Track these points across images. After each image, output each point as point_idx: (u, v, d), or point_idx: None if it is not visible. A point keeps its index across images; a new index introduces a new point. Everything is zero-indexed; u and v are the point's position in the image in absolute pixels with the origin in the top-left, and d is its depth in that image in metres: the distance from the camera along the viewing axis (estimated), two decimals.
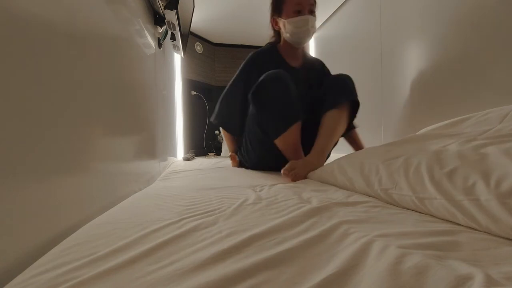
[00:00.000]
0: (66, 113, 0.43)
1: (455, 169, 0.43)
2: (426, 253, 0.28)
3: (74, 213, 0.45)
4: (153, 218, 0.45)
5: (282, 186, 0.75)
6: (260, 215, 0.46)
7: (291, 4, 1.04)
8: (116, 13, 0.68)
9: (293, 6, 1.04)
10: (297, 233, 0.36)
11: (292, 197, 0.58)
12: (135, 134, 0.84)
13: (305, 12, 1.04)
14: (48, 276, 0.27)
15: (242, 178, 0.94)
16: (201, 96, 2.48)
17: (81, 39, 0.50)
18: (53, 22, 0.41)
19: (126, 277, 0.26)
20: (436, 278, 0.23)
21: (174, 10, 1.06)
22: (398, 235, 0.34)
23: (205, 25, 2.33)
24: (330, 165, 0.77)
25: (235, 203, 0.53)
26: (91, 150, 0.52)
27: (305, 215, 0.43)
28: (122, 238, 0.36)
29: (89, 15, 0.53)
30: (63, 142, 0.42)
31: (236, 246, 0.32)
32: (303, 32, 1.06)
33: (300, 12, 1.04)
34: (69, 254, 0.31)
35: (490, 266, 0.26)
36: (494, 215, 0.34)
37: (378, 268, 0.25)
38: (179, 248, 0.32)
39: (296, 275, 0.26)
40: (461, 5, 1.04)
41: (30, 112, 0.35)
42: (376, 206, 0.51)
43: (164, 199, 0.59)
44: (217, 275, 0.25)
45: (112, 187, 0.63)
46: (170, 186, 0.80)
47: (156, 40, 1.25)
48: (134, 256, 0.30)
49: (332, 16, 2.17)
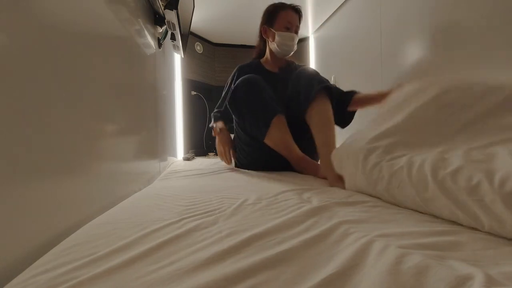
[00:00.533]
0: (66, 113, 0.43)
1: (460, 169, 0.42)
2: (426, 253, 0.28)
3: (74, 213, 0.45)
4: (153, 218, 0.45)
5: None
6: (260, 215, 0.46)
7: (283, 20, 1.21)
8: (116, 13, 0.68)
9: (284, 22, 1.21)
10: (297, 233, 0.36)
11: (292, 197, 0.58)
12: (135, 134, 0.84)
13: (292, 31, 1.21)
14: (48, 276, 0.27)
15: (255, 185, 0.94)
16: (201, 96, 2.48)
17: (81, 39, 0.50)
18: (53, 22, 0.41)
19: (126, 277, 0.26)
20: (436, 278, 0.23)
21: (174, 10, 1.06)
22: (398, 235, 0.34)
23: (205, 25, 2.32)
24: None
25: (235, 203, 0.53)
26: (91, 150, 0.52)
27: (305, 215, 0.43)
28: (122, 238, 0.36)
29: (89, 15, 0.53)
30: (63, 142, 0.42)
31: (236, 246, 0.32)
32: (288, 46, 1.22)
33: (289, 29, 1.21)
34: (69, 254, 0.31)
35: (491, 266, 0.26)
36: (498, 216, 0.34)
37: (378, 268, 0.25)
38: (179, 248, 0.32)
39: (296, 275, 0.26)
40: (461, 5, 1.04)
41: (30, 112, 0.35)
42: (376, 206, 0.51)
43: (164, 199, 0.59)
44: (217, 275, 0.25)
45: (112, 187, 0.63)
46: (170, 186, 0.80)
47: (156, 40, 1.25)
48: (134, 256, 0.30)
49: (332, 16, 2.17)
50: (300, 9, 1.26)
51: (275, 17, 1.22)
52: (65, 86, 0.43)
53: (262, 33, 1.30)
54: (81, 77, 0.49)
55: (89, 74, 0.52)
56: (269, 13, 1.25)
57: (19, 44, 0.33)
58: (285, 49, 1.23)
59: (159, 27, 1.24)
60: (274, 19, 1.22)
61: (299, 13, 1.25)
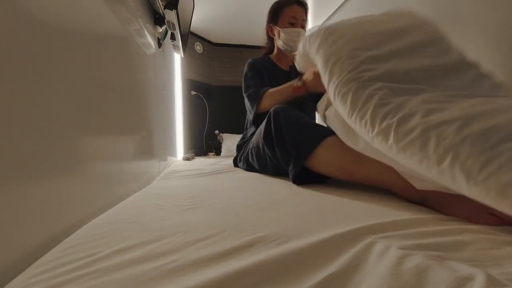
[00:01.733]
0: (66, 113, 0.43)
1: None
2: (427, 253, 0.28)
3: (74, 213, 0.45)
4: (153, 217, 0.45)
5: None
6: (262, 214, 0.45)
7: (287, 16, 1.18)
8: (116, 13, 0.68)
9: (289, 18, 1.18)
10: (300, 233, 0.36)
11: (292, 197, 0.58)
12: (135, 134, 0.84)
13: (298, 25, 1.19)
14: (48, 276, 0.27)
15: None
16: (201, 96, 2.48)
17: (81, 39, 0.50)
18: (53, 22, 0.41)
19: (126, 277, 0.26)
20: (437, 279, 0.23)
21: (174, 10, 1.06)
22: (399, 236, 0.34)
23: (205, 25, 2.32)
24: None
25: (236, 203, 0.53)
26: (91, 150, 0.52)
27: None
28: (122, 238, 0.35)
29: (88, 14, 0.53)
30: (63, 142, 0.42)
31: (238, 245, 0.32)
32: (294, 41, 1.18)
33: (294, 24, 1.18)
34: (69, 254, 0.31)
35: (492, 267, 0.26)
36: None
37: (379, 268, 0.25)
38: (180, 248, 0.32)
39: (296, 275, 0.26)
40: (461, 5, 1.04)
41: (30, 112, 0.35)
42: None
43: (164, 199, 0.59)
44: (218, 274, 0.25)
45: (112, 187, 0.63)
46: (170, 186, 0.80)
47: (156, 40, 1.24)
48: (134, 256, 0.30)
49: (332, 16, 2.16)
50: (305, 2, 1.22)
51: (279, 14, 1.20)
52: (65, 86, 0.43)
53: (268, 32, 1.28)
54: (80, 77, 0.49)
55: (89, 73, 0.52)
56: (273, 11, 1.24)
57: (16, 44, 0.33)
58: (290, 45, 1.20)
59: (159, 27, 1.24)
60: (278, 16, 1.21)
61: (305, 6, 1.22)
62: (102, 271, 0.27)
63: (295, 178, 0.74)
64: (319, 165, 0.69)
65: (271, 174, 0.96)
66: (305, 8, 1.23)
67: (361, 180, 0.63)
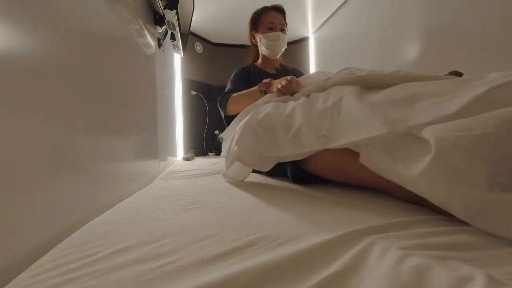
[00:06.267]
0: (65, 113, 0.43)
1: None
2: (427, 254, 0.28)
3: (74, 213, 0.45)
4: (153, 217, 0.45)
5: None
6: (262, 215, 0.45)
7: (266, 22, 1.28)
8: (116, 13, 0.68)
9: (267, 24, 1.27)
10: (299, 234, 0.36)
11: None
12: (135, 134, 0.84)
13: (277, 30, 1.27)
14: (48, 276, 0.26)
15: None
16: (201, 96, 2.48)
17: (80, 39, 0.50)
18: (53, 22, 0.41)
19: (126, 277, 0.26)
20: (437, 279, 0.23)
21: (174, 10, 1.05)
22: (399, 236, 0.34)
23: (205, 25, 2.32)
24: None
25: (236, 203, 0.53)
26: (91, 150, 0.52)
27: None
28: (122, 238, 0.35)
29: (88, 14, 0.53)
30: (63, 142, 0.42)
31: (237, 246, 0.32)
32: (274, 45, 1.28)
33: (273, 29, 1.27)
34: (69, 254, 0.31)
35: (492, 267, 0.26)
36: None
37: (379, 269, 0.25)
38: (180, 248, 0.32)
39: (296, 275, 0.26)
40: (461, 5, 1.04)
41: (29, 112, 0.35)
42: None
43: (164, 199, 0.59)
44: (219, 275, 0.25)
45: (112, 187, 0.63)
46: (170, 185, 0.80)
47: (156, 40, 1.24)
48: (134, 256, 0.30)
49: (332, 16, 2.16)
50: (281, 7, 1.31)
51: (259, 22, 1.30)
52: (65, 86, 0.43)
53: (251, 40, 1.38)
54: (80, 77, 0.49)
55: (89, 73, 0.52)
56: (253, 20, 1.34)
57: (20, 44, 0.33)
58: (272, 49, 1.29)
59: (159, 27, 1.24)
60: (258, 24, 1.30)
61: (282, 11, 1.31)
62: (102, 271, 0.27)
63: (294, 177, 0.76)
64: (314, 166, 0.70)
65: (270, 175, 0.96)
66: (282, 13, 1.31)
67: (357, 181, 0.63)
